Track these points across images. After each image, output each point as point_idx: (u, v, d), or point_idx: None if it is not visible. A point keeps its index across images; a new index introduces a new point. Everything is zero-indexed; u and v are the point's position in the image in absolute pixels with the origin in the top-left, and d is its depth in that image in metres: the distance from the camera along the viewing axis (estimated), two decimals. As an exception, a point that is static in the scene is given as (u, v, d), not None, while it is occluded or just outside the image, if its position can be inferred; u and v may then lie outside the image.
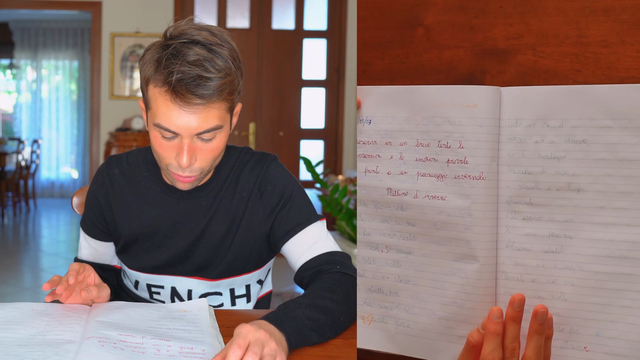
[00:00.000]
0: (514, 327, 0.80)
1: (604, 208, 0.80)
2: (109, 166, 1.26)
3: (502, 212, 0.86)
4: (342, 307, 1.03)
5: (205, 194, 1.21)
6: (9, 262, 4.92)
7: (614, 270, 0.79)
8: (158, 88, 1.05)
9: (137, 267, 1.24)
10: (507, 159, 0.85)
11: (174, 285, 1.23)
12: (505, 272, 0.85)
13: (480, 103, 0.85)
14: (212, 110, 1.06)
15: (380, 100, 0.91)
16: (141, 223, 1.22)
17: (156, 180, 1.23)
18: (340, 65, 5.66)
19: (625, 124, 0.78)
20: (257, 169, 1.22)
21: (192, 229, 1.21)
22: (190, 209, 1.21)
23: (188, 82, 1.02)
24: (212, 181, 1.22)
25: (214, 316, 1.06)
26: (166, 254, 1.21)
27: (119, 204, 1.24)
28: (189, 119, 1.04)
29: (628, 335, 0.79)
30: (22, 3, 6.23)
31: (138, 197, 1.23)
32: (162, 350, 0.88)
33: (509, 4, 0.86)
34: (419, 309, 0.90)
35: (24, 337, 0.92)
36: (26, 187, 7.44)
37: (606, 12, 0.80)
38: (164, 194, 1.22)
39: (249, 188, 1.21)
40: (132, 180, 1.24)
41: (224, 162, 1.23)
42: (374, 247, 0.93)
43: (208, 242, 1.21)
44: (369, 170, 0.93)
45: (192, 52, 1.03)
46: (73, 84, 8.68)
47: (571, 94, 0.81)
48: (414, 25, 0.91)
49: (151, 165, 1.24)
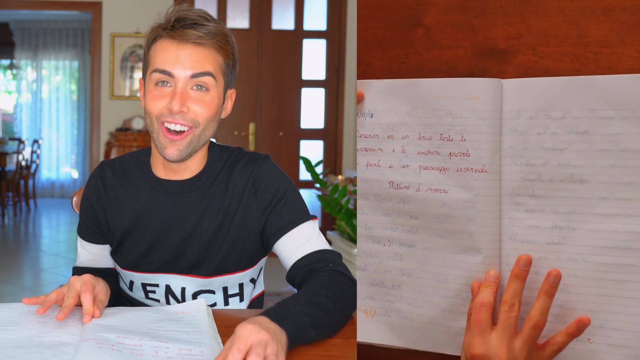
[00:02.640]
0: (517, 283, 0.81)
1: (606, 199, 0.80)
2: (102, 169, 1.28)
3: (504, 205, 0.85)
4: (337, 305, 1.03)
5: (195, 188, 1.21)
6: (9, 262, 4.92)
7: (617, 262, 0.79)
8: (159, 40, 1.15)
9: (131, 266, 1.24)
10: (509, 151, 0.85)
11: (168, 283, 1.23)
12: (509, 264, 0.85)
13: (482, 95, 0.85)
14: (206, 53, 1.14)
15: (381, 94, 0.91)
16: (132, 219, 1.22)
17: (147, 177, 1.24)
18: (340, 65, 5.66)
19: (627, 115, 0.78)
20: (249, 166, 1.23)
21: (183, 225, 1.20)
22: (180, 204, 1.21)
23: (186, 23, 1.13)
24: (202, 175, 1.22)
25: (212, 317, 1.06)
26: (159, 251, 1.21)
27: (111, 204, 1.24)
28: (185, 55, 1.13)
29: (632, 327, 0.79)
30: (23, 3, 6.23)
31: (129, 194, 1.24)
32: (160, 352, 0.88)
33: (509, 4, 0.86)
34: (422, 301, 0.90)
35: (21, 338, 0.91)
36: (26, 187, 7.44)
37: (606, 12, 0.80)
38: (154, 189, 1.22)
39: (242, 184, 1.22)
40: (123, 180, 1.25)
41: (216, 158, 1.24)
42: (376, 240, 0.93)
43: (200, 239, 1.20)
44: (371, 164, 0.93)
45: (190, 10, 1.16)
46: (73, 84, 8.68)
47: (572, 85, 0.81)
48: (414, 25, 0.91)
49: (142, 164, 1.26)
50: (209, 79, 1.14)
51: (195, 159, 1.21)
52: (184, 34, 1.12)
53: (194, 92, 1.14)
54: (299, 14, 5.66)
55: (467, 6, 0.88)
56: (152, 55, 1.16)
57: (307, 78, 5.68)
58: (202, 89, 1.14)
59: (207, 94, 1.15)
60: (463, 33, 0.88)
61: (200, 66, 1.13)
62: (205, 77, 1.13)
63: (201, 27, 1.13)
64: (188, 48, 1.13)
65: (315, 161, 3.32)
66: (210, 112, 1.16)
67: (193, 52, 1.13)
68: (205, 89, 1.14)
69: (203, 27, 1.13)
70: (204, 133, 1.16)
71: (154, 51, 1.16)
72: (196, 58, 1.13)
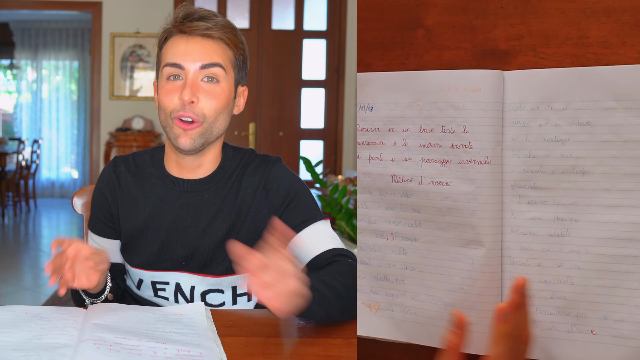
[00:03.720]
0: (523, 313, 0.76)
1: (609, 190, 0.80)
2: (116, 164, 1.29)
3: (506, 197, 0.85)
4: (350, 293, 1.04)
5: (208, 188, 1.22)
6: (9, 262, 4.92)
7: (620, 253, 0.79)
8: (170, 38, 1.18)
9: (142, 264, 1.24)
10: (511, 143, 0.85)
11: (178, 282, 1.23)
12: (511, 256, 0.85)
13: (484, 87, 0.84)
14: (214, 46, 1.17)
15: (381, 87, 0.91)
16: (145, 216, 1.22)
17: (160, 175, 1.24)
18: (340, 65, 5.67)
19: (629, 105, 0.78)
20: (261, 168, 1.24)
21: (196, 224, 1.21)
22: (192, 202, 1.21)
23: (194, 18, 1.17)
24: (215, 175, 1.23)
25: (212, 319, 1.05)
26: (171, 249, 1.21)
27: (125, 198, 1.25)
28: (194, 47, 1.15)
29: (636, 318, 0.78)
30: (23, 3, 6.24)
31: (143, 191, 1.24)
32: (158, 353, 0.87)
33: (510, 5, 0.85)
34: (426, 296, 0.90)
35: (19, 340, 0.90)
36: (26, 187, 7.44)
37: (607, 13, 0.80)
38: (167, 187, 1.23)
39: (254, 186, 1.22)
40: (137, 177, 1.26)
41: (229, 159, 1.24)
42: (379, 234, 0.93)
43: (212, 238, 1.21)
44: (373, 157, 0.92)
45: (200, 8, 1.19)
46: (73, 84, 8.68)
47: (574, 76, 0.81)
48: (414, 26, 0.91)
49: (156, 162, 1.26)
50: (218, 70, 1.16)
51: (209, 156, 1.22)
52: (193, 26, 1.15)
53: (205, 83, 1.16)
54: (299, 14, 5.67)
55: (467, 7, 0.88)
56: (163, 53, 1.19)
57: (307, 78, 5.69)
58: (213, 81, 1.16)
59: (217, 85, 1.16)
60: (463, 34, 0.88)
61: (210, 57, 1.15)
62: (214, 68, 1.15)
63: (209, 19, 1.16)
64: (197, 41, 1.16)
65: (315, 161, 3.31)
66: (220, 104, 1.17)
67: (202, 44, 1.15)
68: (216, 81, 1.16)
69: (211, 20, 1.16)
70: (215, 126, 1.17)
71: (166, 49, 1.18)
72: (205, 50, 1.15)
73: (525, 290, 0.77)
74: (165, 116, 1.17)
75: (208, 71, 1.15)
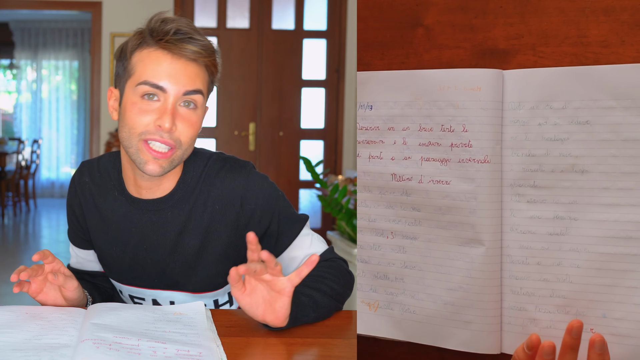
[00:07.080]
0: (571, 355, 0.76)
1: (608, 189, 0.80)
2: (81, 174, 1.24)
3: (506, 196, 0.86)
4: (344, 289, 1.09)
5: (170, 205, 1.16)
6: (9, 262, 4.92)
7: (619, 251, 0.79)
8: (147, 49, 1.08)
9: (117, 279, 1.23)
10: (510, 141, 0.85)
11: (154, 298, 1.21)
12: (510, 255, 0.85)
13: (484, 86, 0.85)
14: (197, 70, 1.09)
15: (381, 86, 0.91)
16: (113, 234, 1.19)
17: (122, 191, 1.18)
18: (340, 65, 5.67)
19: (628, 104, 0.78)
20: (232, 182, 1.16)
21: (162, 242, 1.17)
22: (156, 221, 1.16)
23: (182, 37, 1.07)
24: (175, 193, 1.16)
25: (212, 319, 1.05)
26: (141, 267, 1.19)
27: (91, 213, 1.21)
28: (179, 69, 1.07)
29: (635, 316, 0.79)
30: (22, 3, 6.23)
31: (107, 206, 1.19)
32: (158, 352, 0.87)
33: (509, 4, 0.86)
34: (425, 294, 0.90)
35: (19, 341, 0.90)
36: (26, 187, 7.45)
37: (606, 12, 0.80)
38: (129, 204, 1.18)
39: (225, 201, 1.15)
40: (102, 188, 1.20)
41: (190, 169, 1.17)
42: (379, 233, 0.93)
43: (182, 256, 1.17)
44: (373, 156, 0.93)
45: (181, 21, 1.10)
46: (73, 84, 8.69)
47: (574, 75, 0.81)
48: (414, 25, 0.91)
49: (119, 174, 1.19)
50: (199, 97, 1.09)
51: (169, 175, 1.15)
52: (181, 47, 1.07)
53: (182, 108, 1.08)
54: (299, 14, 5.66)
55: (467, 6, 0.88)
56: (137, 64, 1.08)
57: (307, 78, 5.69)
58: (191, 106, 1.09)
59: (194, 112, 1.09)
60: (463, 33, 0.88)
61: (193, 83, 1.08)
62: (196, 95, 1.09)
63: (195, 41, 1.08)
64: (182, 63, 1.07)
65: (316, 161, 3.31)
66: (195, 131, 1.10)
67: (187, 68, 1.07)
68: (194, 106, 1.09)
69: (197, 42, 1.08)
70: (186, 152, 1.11)
71: (140, 60, 1.08)
72: (189, 75, 1.07)
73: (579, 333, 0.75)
74: (131, 135, 1.07)
75: (189, 97, 1.08)
